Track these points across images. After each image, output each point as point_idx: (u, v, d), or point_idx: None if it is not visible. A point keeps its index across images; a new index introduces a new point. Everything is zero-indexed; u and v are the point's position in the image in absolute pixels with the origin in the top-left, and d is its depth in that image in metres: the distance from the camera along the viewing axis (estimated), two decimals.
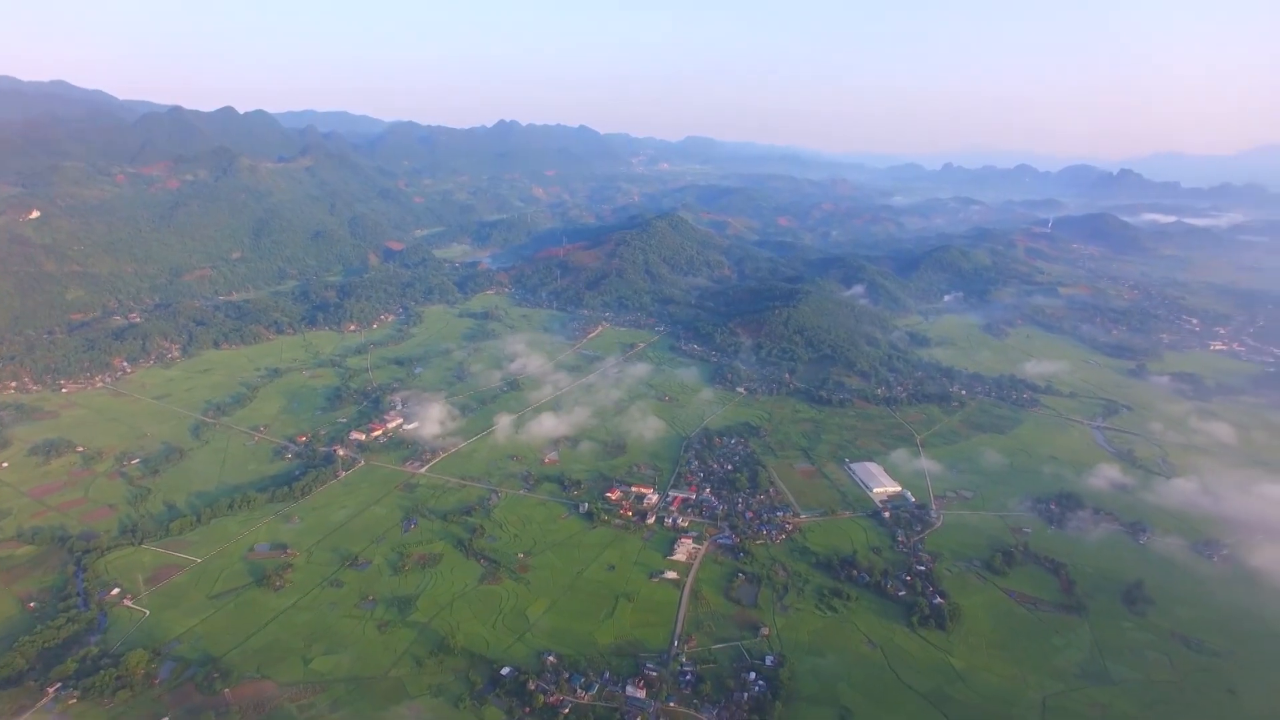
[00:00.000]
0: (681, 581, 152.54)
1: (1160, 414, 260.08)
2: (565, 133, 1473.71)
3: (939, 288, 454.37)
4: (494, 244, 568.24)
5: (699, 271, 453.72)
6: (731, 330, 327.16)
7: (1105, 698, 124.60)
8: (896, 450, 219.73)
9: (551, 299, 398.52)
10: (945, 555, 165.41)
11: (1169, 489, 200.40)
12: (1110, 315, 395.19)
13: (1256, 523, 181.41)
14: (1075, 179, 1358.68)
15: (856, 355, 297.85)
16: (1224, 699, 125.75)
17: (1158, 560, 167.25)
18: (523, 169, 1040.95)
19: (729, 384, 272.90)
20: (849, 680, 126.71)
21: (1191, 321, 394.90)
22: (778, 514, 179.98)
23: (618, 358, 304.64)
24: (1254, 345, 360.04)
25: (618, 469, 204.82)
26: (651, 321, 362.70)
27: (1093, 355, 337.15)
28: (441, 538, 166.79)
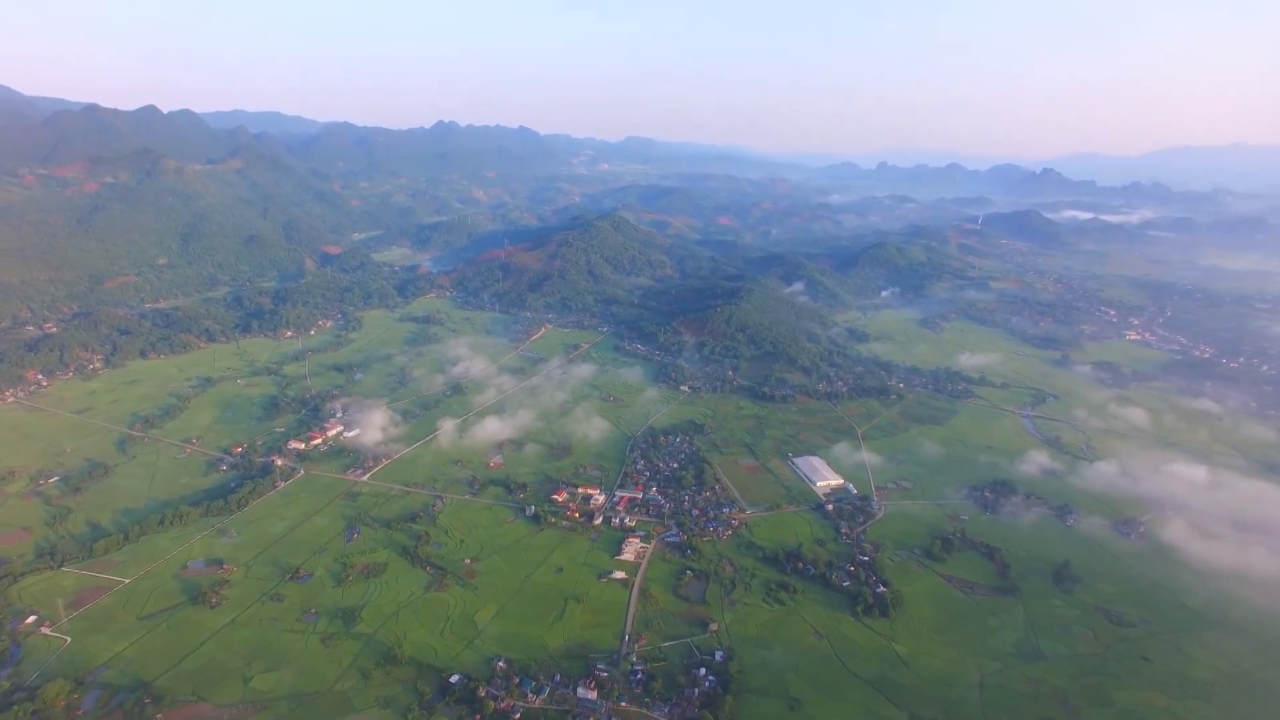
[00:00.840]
0: (630, 581, 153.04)
1: (1083, 401, 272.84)
2: (505, 133, 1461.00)
3: (876, 284, 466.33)
4: (434, 247, 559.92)
5: (641, 271, 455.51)
6: (675, 329, 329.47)
7: (1038, 673, 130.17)
8: (838, 444, 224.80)
9: (494, 301, 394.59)
10: (887, 545, 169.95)
11: (1092, 472, 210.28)
12: (1037, 308, 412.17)
13: (1168, 500, 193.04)
14: (1002, 177, 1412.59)
15: (798, 351, 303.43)
16: (1140, 666, 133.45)
17: (1083, 540, 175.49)
18: (462, 170, 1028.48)
19: (673, 383, 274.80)
20: (797, 671, 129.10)
21: (1109, 313, 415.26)
22: (724, 510, 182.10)
23: (561, 359, 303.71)
24: (1164, 334, 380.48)
25: (564, 471, 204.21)
26: (595, 322, 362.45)
27: (1022, 347, 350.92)
28: (386, 546, 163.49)
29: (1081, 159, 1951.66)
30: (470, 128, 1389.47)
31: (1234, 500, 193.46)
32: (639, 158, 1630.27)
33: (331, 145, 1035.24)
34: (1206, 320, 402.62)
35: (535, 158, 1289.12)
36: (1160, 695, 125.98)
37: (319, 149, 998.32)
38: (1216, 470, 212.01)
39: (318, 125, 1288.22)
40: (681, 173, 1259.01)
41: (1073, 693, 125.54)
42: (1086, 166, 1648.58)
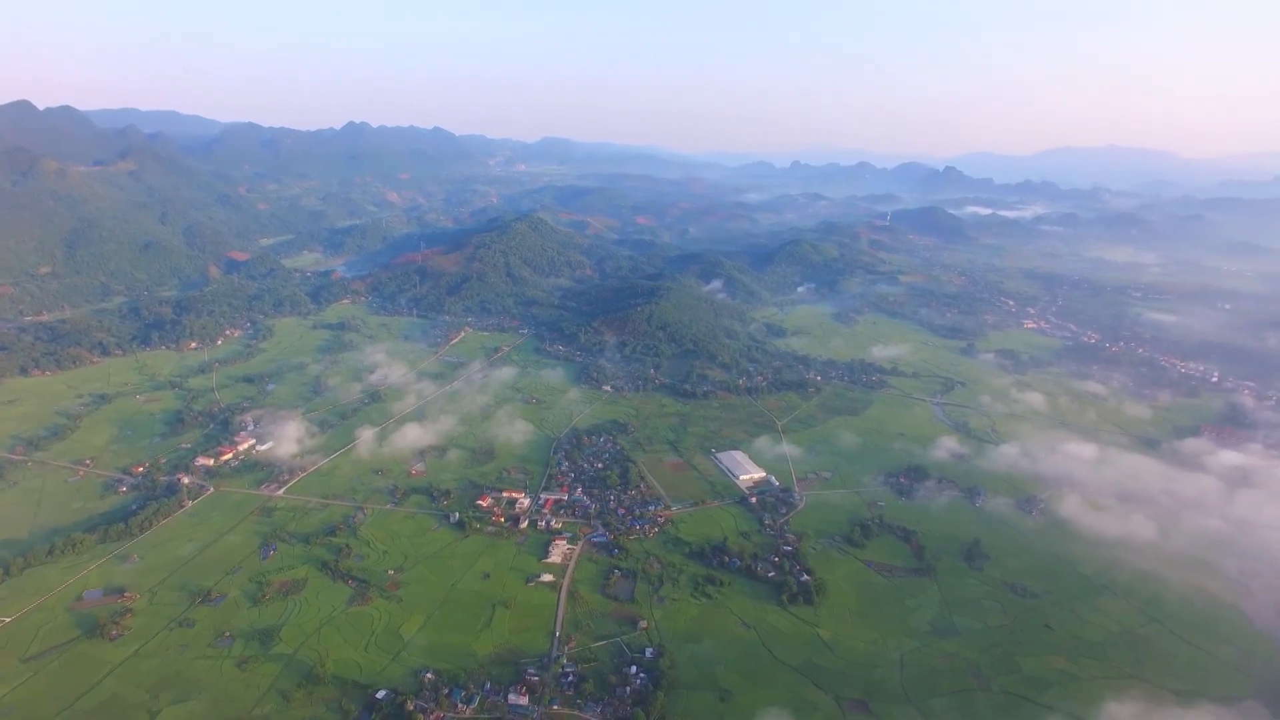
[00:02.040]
0: (558, 583, 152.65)
1: (988, 387, 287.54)
2: (419, 134, 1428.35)
3: (792, 280, 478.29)
4: (348, 251, 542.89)
5: (561, 272, 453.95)
6: (596, 329, 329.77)
7: (952, 648, 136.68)
8: (760, 438, 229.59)
9: (411, 306, 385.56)
10: (809, 534, 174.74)
11: (997, 454, 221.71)
12: (943, 300, 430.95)
13: (1063, 477, 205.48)
14: (908, 175, 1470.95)
15: (718, 348, 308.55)
16: (1043, 633, 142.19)
17: (991, 519, 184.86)
18: (375, 172, 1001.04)
19: (595, 383, 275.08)
20: (726, 662, 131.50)
21: (1008, 303, 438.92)
22: (649, 508, 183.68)
23: (482, 362, 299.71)
24: (1056, 322, 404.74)
25: (487, 475, 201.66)
26: (515, 324, 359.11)
27: (931, 337, 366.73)
28: (305, 562, 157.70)
29: (979, 158, 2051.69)
30: (383, 128, 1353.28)
31: (1118, 474, 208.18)
32: (556, 158, 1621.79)
33: (235, 146, 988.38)
34: (1092, 308, 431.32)
35: (451, 159, 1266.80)
36: (1060, 658, 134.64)
37: (221, 150, 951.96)
38: (1104, 447, 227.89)
39: (219, 126, 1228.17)
40: (599, 173, 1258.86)
41: (984, 664, 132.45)
42: (984, 165, 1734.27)
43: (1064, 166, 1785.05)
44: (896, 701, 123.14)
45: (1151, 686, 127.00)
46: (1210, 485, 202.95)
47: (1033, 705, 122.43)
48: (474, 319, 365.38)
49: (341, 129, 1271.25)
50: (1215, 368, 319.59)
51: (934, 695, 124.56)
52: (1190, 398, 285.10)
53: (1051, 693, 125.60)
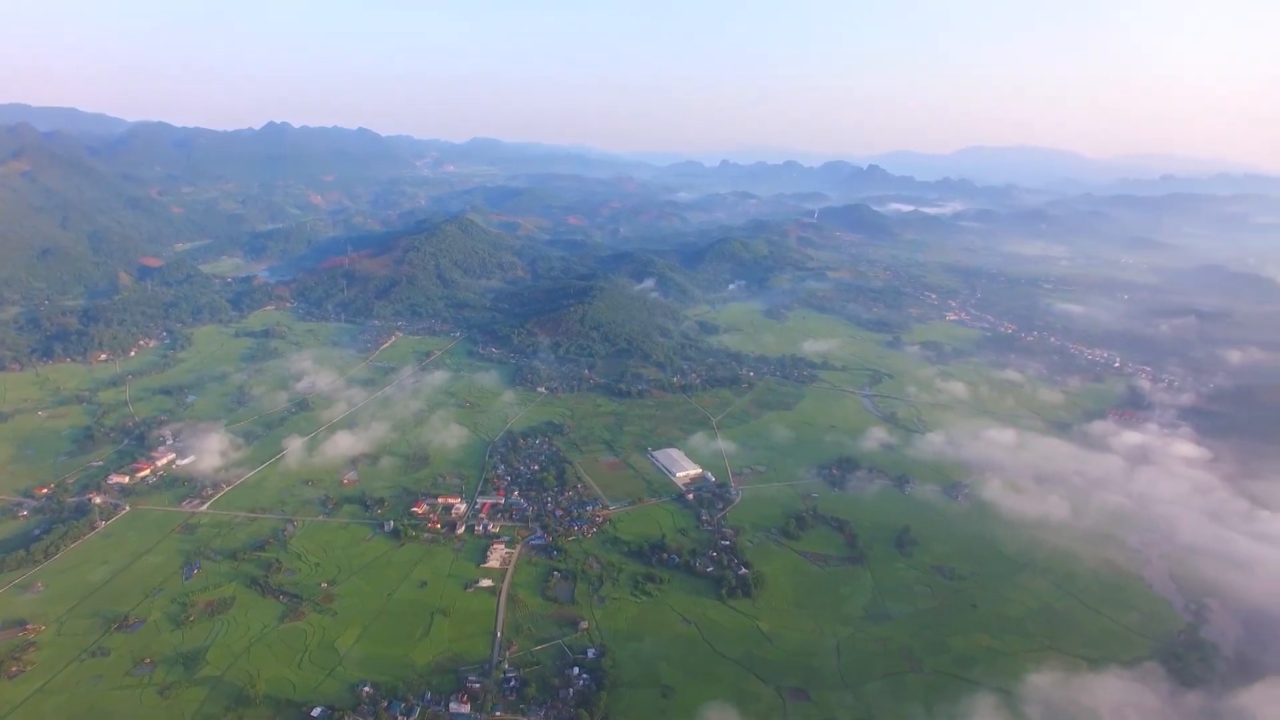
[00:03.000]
0: (497, 588, 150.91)
1: (914, 378, 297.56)
2: (343, 135, 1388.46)
3: (723, 277, 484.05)
4: (271, 256, 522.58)
5: (492, 274, 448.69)
6: (529, 330, 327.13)
7: (885, 632, 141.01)
8: (695, 434, 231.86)
9: (339, 311, 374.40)
10: (746, 528, 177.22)
11: (924, 443, 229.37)
12: (870, 295, 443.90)
13: (986, 463, 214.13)
14: (833, 173, 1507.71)
15: (651, 347, 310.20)
16: (969, 613, 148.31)
17: (919, 506, 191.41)
18: (298, 174, 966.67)
19: (530, 384, 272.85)
20: (668, 659, 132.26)
21: (931, 296, 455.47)
22: (587, 508, 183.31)
23: (414, 367, 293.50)
24: (976, 314, 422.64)
25: (422, 481, 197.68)
26: (447, 328, 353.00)
27: (858, 331, 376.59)
28: (232, 579, 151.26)
29: (901, 156, 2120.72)
30: (305, 129, 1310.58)
31: (1034, 457, 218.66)
32: (485, 159, 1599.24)
33: (144, 147, 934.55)
34: (1008, 300, 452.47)
35: (377, 160, 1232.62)
36: (986, 636, 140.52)
37: (129, 151, 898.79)
38: (1021, 432, 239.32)
39: (125, 125, 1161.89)
40: (529, 173, 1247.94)
41: (916, 646, 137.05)
42: (906, 163, 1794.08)
43: (979, 165, 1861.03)
44: (834, 688, 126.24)
45: (1067, 656, 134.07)
46: (1115, 464, 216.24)
47: (962, 682, 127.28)
48: (405, 323, 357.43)
49: (261, 129, 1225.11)
50: (1117, 354, 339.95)
51: (869, 679, 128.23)
52: (1097, 383, 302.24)
53: (979, 669, 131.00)
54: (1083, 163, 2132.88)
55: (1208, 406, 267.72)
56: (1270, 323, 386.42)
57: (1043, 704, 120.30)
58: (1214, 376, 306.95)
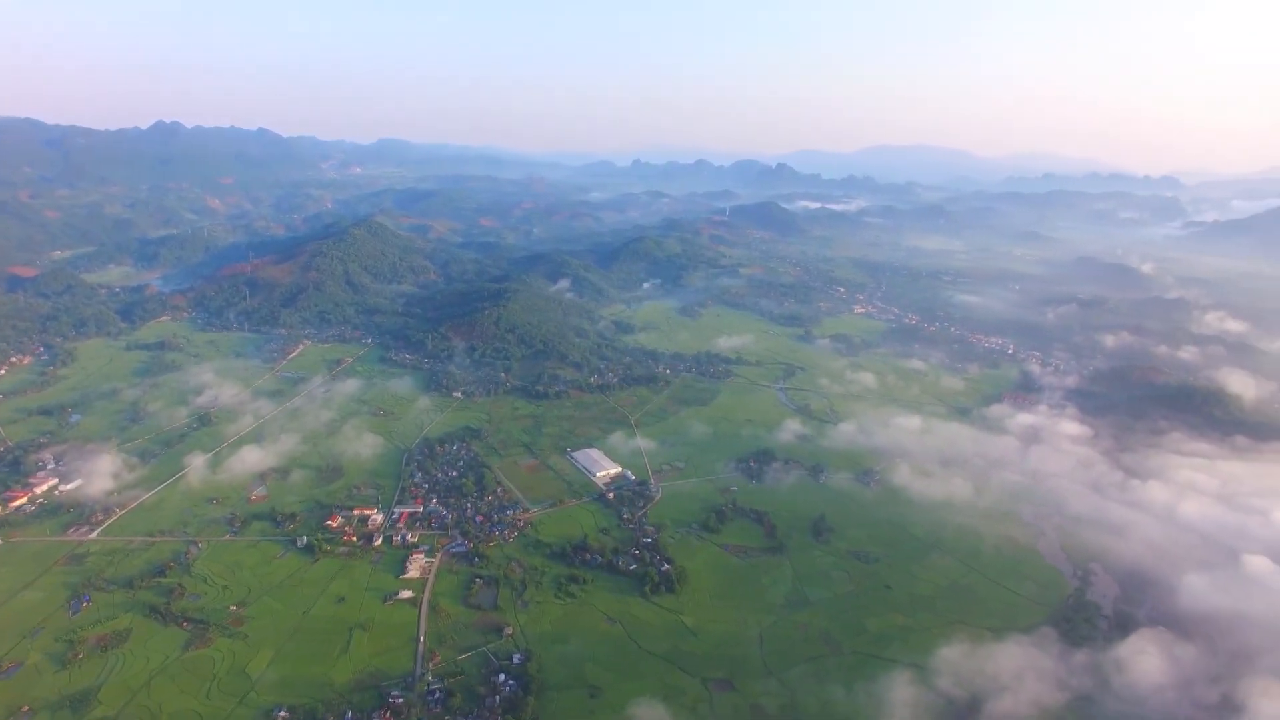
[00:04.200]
0: (418, 598, 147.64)
1: (825, 371, 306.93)
2: (242, 136, 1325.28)
3: (638, 276, 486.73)
4: (164, 264, 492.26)
5: (404, 278, 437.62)
6: (443, 335, 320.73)
7: (805, 618, 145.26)
8: (614, 433, 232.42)
9: (242, 320, 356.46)
10: (667, 524, 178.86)
11: (837, 433, 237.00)
12: (781, 290, 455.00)
13: (895, 449, 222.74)
14: (743, 172, 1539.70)
15: (568, 347, 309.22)
16: (884, 594, 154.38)
17: (834, 494, 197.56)
18: (193, 177, 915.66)
19: (445, 390, 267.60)
20: (594, 659, 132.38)
21: (839, 290, 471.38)
22: (508, 512, 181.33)
23: (324, 376, 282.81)
24: (882, 306, 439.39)
25: (336, 494, 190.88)
26: (358, 334, 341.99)
27: (771, 326, 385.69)
28: (128, 609, 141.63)
29: (808, 155, 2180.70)
30: (199, 129, 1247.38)
31: (939, 441, 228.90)
32: (394, 160, 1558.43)
33: (12, 146, 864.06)
34: (911, 292, 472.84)
35: (279, 162, 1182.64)
36: (900, 615, 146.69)
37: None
38: (926, 418, 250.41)
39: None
40: (439, 175, 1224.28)
41: (835, 629, 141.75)
42: (812, 161, 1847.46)
43: (882, 163, 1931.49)
44: (758, 676, 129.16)
45: (973, 629, 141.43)
46: (1011, 445, 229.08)
47: (879, 661, 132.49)
48: (313, 331, 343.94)
49: (149, 128, 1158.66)
50: (1011, 341, 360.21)
51: (792, 665, 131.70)
52: (993, 369, 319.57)
53: (894, 647, 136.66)
54: (975, 161, 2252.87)
55: (1088, 387, 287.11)
56: (1137, 309, 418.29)
57: (952, 675, 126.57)
58: (1093, 360, 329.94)
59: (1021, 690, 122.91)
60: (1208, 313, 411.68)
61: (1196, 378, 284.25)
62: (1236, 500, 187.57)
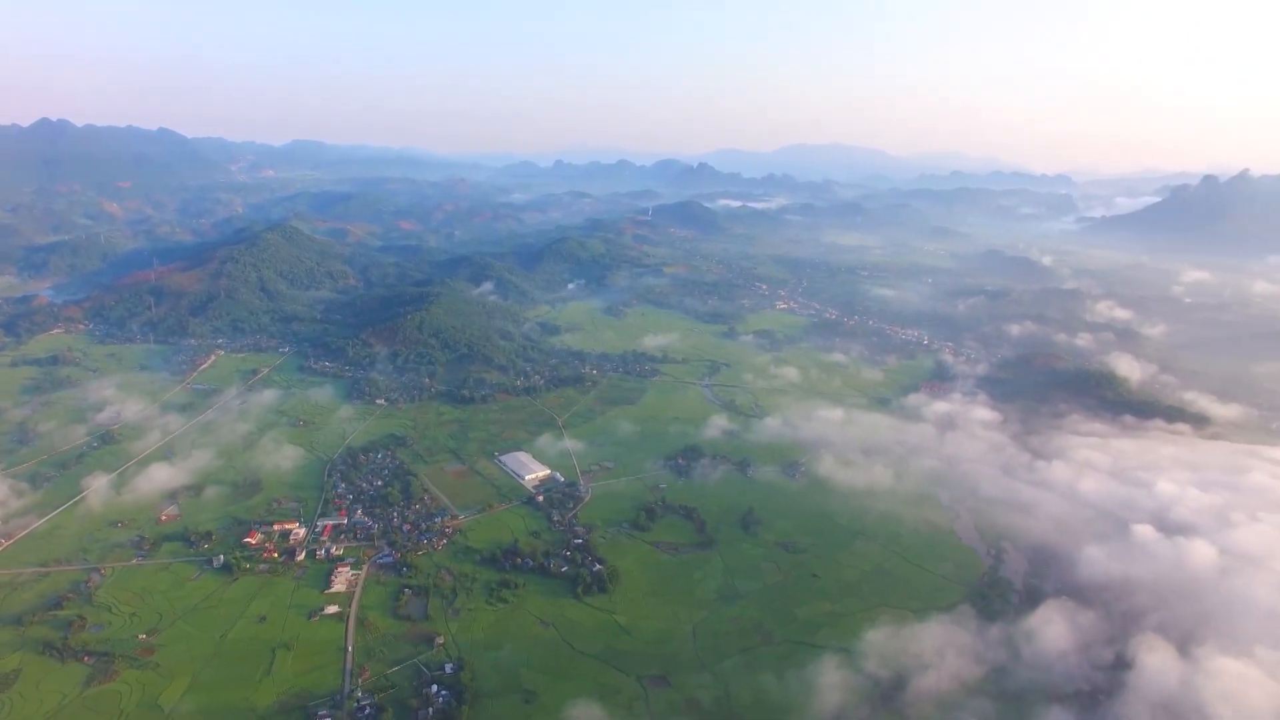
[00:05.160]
0: (345, 613, 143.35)
1: (750, 366, 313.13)
2: (141, 136, 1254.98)
3: (562, 277, 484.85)
4: (55, 273, 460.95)
5: (322, 284, 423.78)
6: (364, 341, 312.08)
7: (737, 611, 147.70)
8: (542, 436, 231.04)
9: (146, 332, 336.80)
10: (598, 524, 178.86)
11: (762, 427, 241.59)
12: (704, 288, 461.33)
13: (819, 440, 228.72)
14: (665, 171, 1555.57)
15: (493, 350, 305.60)
16: (812, 582, 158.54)
17: (761, 487, 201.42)
18: (86, 179, 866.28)
19: (368, 397, 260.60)
20: (529, 663, 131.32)
21: (762, 287, 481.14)
22: (436, 520, 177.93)
23: (239, 387, 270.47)
24: (803, 302, 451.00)
25: (255, 509, 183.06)
26: (274, 343, 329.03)
27: (696, 324, 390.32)
28: (18, 648, 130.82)
29: (728, 154, 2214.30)
30: (91, 128, 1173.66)
31: (860, 432, 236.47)
32: (309, 162, 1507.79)
33: None
34: (831, 288, 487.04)
35: (183, 164, 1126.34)
36: (828, 602, 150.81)
37: None
38: (848, 409, 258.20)
39: None
40: (357, 177, 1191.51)
41: (766, 620, 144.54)
42: (733, 160, 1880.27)
43: (800, 162, 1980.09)
44: (692, 670, 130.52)
45: (897, 611, 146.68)
46: (928, 432, 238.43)
47: (809, 648, 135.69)
48: (225, 340, 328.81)
49: (32, 127, 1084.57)
50: (925, 333, 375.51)
51: (725, 657, 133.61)
52: (910, 360, 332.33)
53: (823, 633, 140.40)
54: (889, 160, 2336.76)
55: (997, 375, 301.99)
56: (1039, 299, 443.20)
57: (878, 657, 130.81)
58: (1001, 348, 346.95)
59: (943, 666, 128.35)
60: (1099, 302, 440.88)
61: (1090, 363, 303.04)
62: (1126, 475, 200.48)
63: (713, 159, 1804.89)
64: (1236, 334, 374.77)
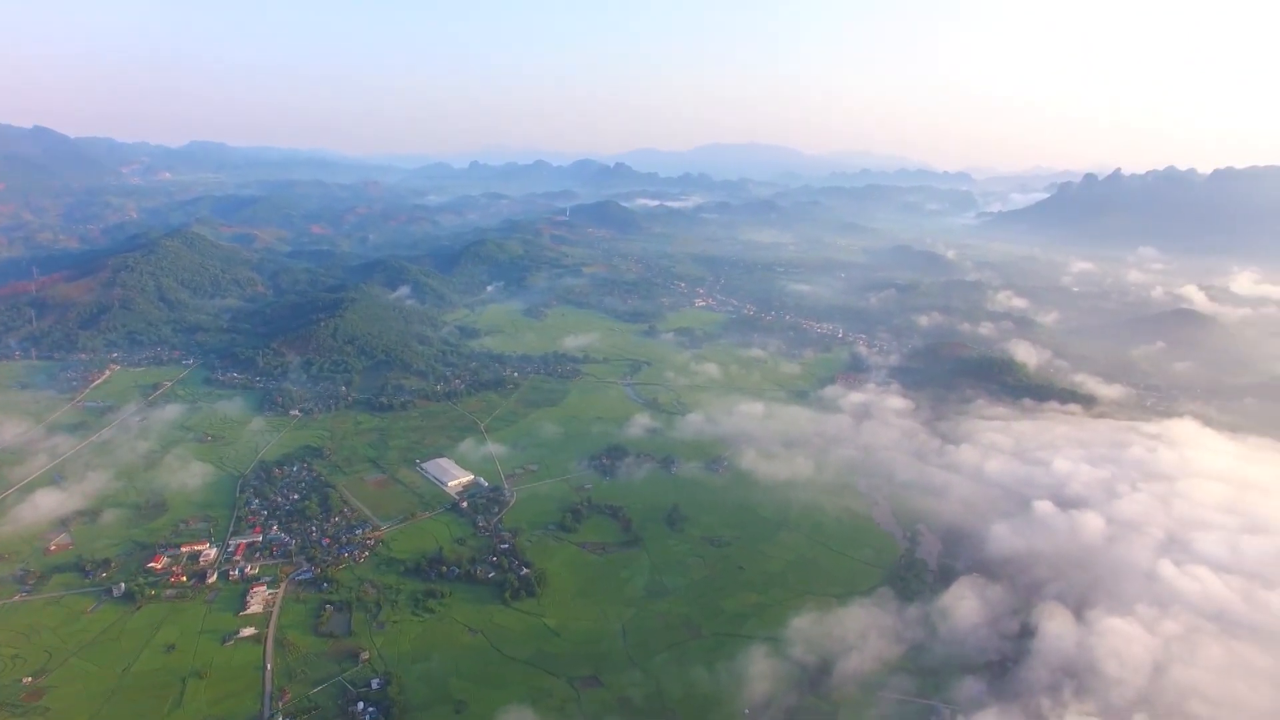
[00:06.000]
0: (263, 634, 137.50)
1: (671, 364, 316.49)
2: (14, 135, 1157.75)
3: (480, 280, 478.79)
4: None
5: (228, 292, 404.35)
6: (276, 350, 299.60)
7: (665, 607, 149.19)
8: (464, 441, 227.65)
9: (28, 347, 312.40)
10: (524, 527, 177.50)
11: (685, 424, 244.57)
12: (624, 287, 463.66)
13: (741, 435, 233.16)
14: (582, 171, 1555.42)
15: (411, 356, 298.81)
16: (738, 575, 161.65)
17: (686, 484, 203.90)
18: None
19: (281, 408, 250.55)
20: (458, 673, 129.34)
21: (680, 285, 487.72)
22: (357, 532, 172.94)
23: (139, 403, 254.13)
24: (722, 299, 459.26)
25: (159, 532, 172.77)
26: (177, 355, 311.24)
27: (616, 323, 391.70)
28: None
29: (645, 154, 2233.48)
30: None
31: (781, 425, 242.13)
32: (210, 165, 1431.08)
33: None
34: (748, 284, 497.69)
35: (66, 166, 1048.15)
36: (754, 594, 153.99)
37: None
38: (768, 403, 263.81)
39: None
40: (264, 180, 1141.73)
41: (694, 614, 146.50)
42: (649, 160, 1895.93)
43: (716, 161, 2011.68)
44: (623, 668, 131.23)
45: (820, 597, 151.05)
46: (845, 422, 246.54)
47: (737, 639, 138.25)
48: (121, 354, 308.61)
49: None
50: (840, 326, 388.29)
51: (655, 654, 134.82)
52: (826, 352, 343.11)
53: (750, 624, 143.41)
54: (801, 159, 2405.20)
55: (908, 364, 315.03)
56: (945, 290, 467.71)
57: (804, 643, 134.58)
58: (911, 339, 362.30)
59: (865, 648, 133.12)
60: (999, 292, 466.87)
61: (993, 350, 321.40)
62: (1026, 455, 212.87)
63: (630, 159, 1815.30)
64: (1116, 320, 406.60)
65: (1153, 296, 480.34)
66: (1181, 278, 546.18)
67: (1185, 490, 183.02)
